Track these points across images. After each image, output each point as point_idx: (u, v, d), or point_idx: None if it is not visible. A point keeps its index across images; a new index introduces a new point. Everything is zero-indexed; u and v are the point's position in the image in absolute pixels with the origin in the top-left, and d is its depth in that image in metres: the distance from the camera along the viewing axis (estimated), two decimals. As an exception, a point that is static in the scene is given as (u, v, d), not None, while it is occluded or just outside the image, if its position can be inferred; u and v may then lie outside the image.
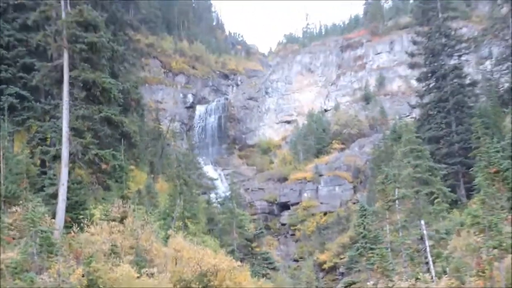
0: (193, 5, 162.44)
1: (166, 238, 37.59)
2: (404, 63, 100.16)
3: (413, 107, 79.17)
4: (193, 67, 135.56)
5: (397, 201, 45.28)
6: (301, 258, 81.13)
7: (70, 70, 37.23)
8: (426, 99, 72.24)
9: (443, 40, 70.34)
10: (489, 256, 28.66)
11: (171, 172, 66.64)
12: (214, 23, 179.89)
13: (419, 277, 33.31)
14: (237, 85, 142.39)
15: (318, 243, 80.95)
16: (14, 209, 30.44)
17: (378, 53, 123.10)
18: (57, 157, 37.17)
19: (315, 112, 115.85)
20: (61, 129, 36.60)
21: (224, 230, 59.71)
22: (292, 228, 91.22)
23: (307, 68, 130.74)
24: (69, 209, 34.00)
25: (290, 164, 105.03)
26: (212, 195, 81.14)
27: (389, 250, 44.39)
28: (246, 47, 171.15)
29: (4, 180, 33.62)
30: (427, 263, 38.40)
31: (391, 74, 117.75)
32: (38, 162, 43.50)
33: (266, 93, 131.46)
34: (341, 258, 70.88)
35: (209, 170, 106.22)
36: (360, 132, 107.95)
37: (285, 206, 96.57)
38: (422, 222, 40.17)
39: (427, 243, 38.92)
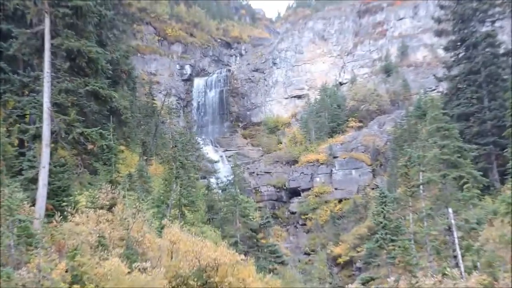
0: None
1: (161, 228, 37.55)
2: (429, 30, 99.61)
3: (440, 80, 78.59)
4: (191, 35, 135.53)
5: (421, 187, 45.17)
6: (312, 251, 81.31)
7: (52, 37, 36.88)
8: (454, 71, 71.86)
9: (474, 3, 69.82)
10: (526, 249, 28.57)
11: (166, 154, 66.75)
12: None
13: (446, 272, 33.20)
14: (241, 54, 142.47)
15: (332, 234, 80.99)
16: (-12, 195, 30.32)
17: (401, 19, 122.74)
18: (37, 136, 36.95)
19: (329, 86, 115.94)
20: (41, 105, 36.27)
21: (226, 220, 59.83)
22: (302, 217, 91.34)
23: (320, 35, 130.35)
24: (50, 195, 33.79)
25: (301, 145, 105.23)
26: (213, 180, 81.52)
27: (412, 242, 44.44)
28: (251, 12, 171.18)
29: (-23, 163, 33.51)
30: (455, 256, 38.29)
31: (415, 42, 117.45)
32: (16, 142, 43.27)
33: (274, 64, 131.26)
34: (358, 251, 70.97)
35: (209, 151, 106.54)
36: (379, 109, 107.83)
37: (294, 192, 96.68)
38: (450, 210, 40.03)
39: (456, 234, 38.81)
